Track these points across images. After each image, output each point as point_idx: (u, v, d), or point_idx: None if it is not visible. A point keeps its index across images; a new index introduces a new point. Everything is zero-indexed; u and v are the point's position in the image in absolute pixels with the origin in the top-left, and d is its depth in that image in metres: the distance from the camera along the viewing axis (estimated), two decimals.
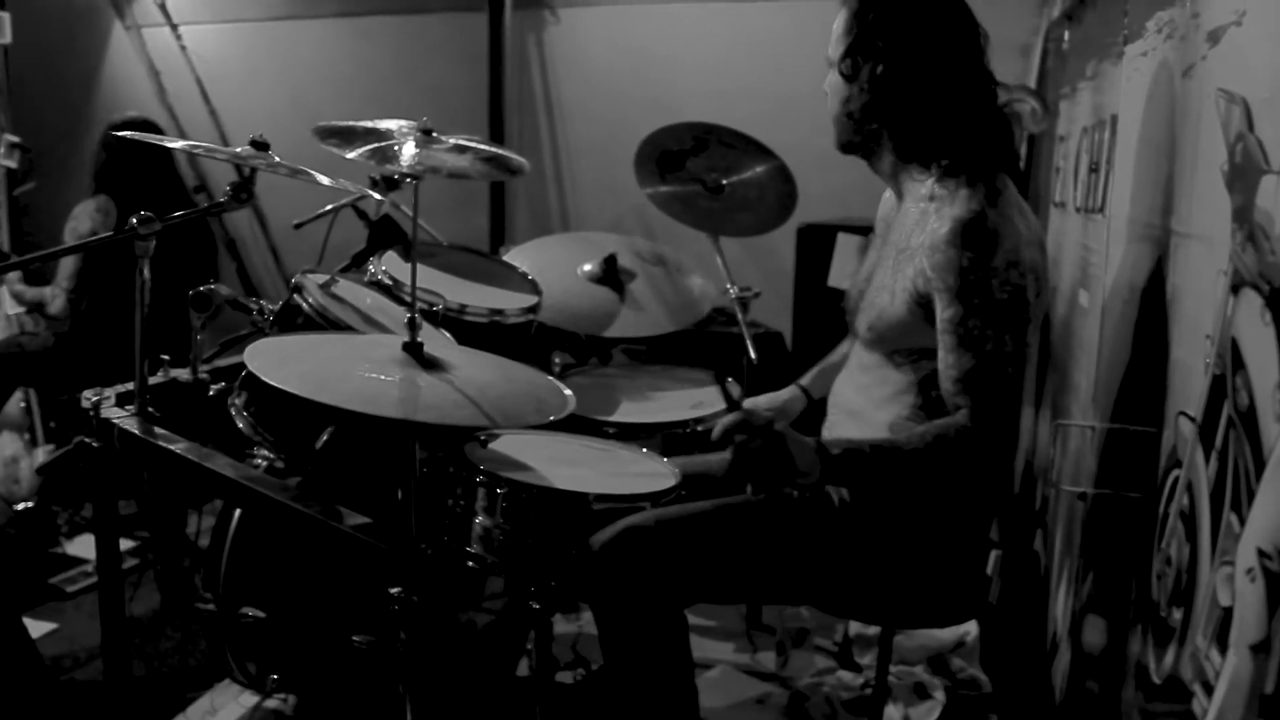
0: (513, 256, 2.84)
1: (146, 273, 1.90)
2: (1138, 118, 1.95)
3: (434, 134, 2.07)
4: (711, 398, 2.58)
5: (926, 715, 2.60)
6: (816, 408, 2.13)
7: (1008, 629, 2.85)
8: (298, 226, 2.79)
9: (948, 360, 1.68)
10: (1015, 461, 2.75)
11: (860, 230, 3.46)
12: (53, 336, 3.68)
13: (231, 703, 2.60)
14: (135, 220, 1.86)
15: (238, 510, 2.34)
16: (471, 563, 1.94)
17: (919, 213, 1.78)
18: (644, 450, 2.18)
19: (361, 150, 1.97)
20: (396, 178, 2.64)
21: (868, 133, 1.83)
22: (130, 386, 2.00)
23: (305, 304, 2.11)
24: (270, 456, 2.25)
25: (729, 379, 2.68)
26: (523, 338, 2.48)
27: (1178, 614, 1.38)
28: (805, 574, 1.83)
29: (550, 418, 1.65)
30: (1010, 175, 1.80)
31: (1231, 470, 1.20)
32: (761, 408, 2.20)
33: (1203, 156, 1.44)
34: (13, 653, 2.41)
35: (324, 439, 2.05)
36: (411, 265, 1.75)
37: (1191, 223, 1.51)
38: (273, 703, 2.55)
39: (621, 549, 1.76)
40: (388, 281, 2.38)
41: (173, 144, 2.26)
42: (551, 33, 4.74)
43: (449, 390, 1.61)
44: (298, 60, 5.03)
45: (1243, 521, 1.15)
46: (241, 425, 2.06)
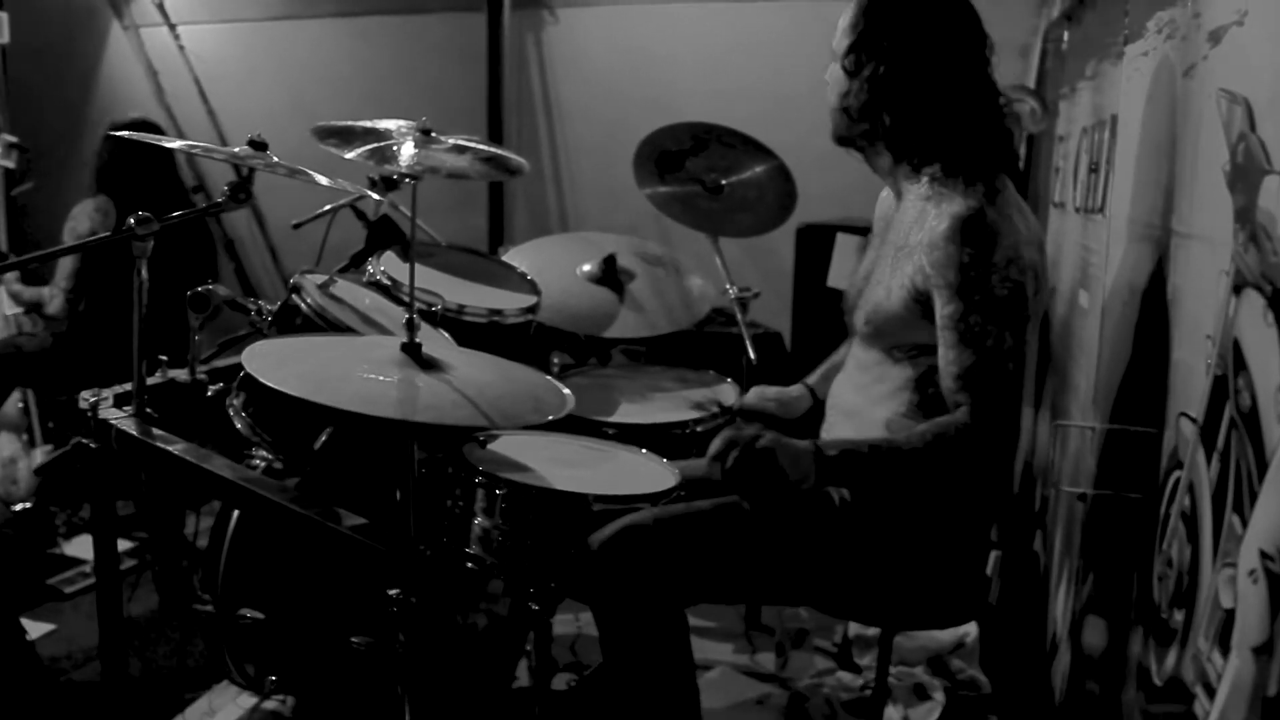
0: (511, 257, 2.83)
1: (144, 273, 1.89)
2: (1138, 118, 1.94)
3: (433, 134, 2.06)
4: (711, 398, 2.57)
5: (926, 716, 2.60)
6: (819, 408, 2.13)
7: (1007, 630, 2.85)
8: (296, 227, 2.78)
9: (948, 357, 1.67)
10: (1015, 461, 2.74)
11: (859, 230, 3.46)
12: (50, 337, 3.67)
13: (230, 704, 2.59)
14: (133, 221, 1.85)
15: (236, 511, 2.34)
16: (470, 564, 1.93)
17: (917, 211, 1.78)
18: (644, 451, 2.17)
19: (360, 150, 1.96)
20: (395, 178, 2.63)
21: (863, 129, 1.83)
22: (128, 387, 1.99)
23: (304, 304, 2.10)
24: (268, 457, 2.24)
25: (728, 380, 2.68)
26: (521, 338, 2.48)
27: (1179, 616, 1.37)
28: (805, 574, 1.82)
29: (549, 418, 1.65)
30: (1009, 176, 1.79)
31: (1234, 471, 1.20)
32: (769, 398, 2.20)
33: (1204, 157, 1.43)
34: (11, 654, 2.41)
35: (322, 440, 2.04)
36: (410, 265, 1.75)
37: (1193, 223, 1.51)
38: (271, 704, 2.54)
39: (620, 548, 1.75)
40: (386, 282, 2.38)
41: (171, 144, 2.25)
42: (550, 32, 4.74)
43: (447, 390, 1.61)
44: (296, 60, 5.03)
45: (1245, 523, 1.15)
46: (240, 426, 2.06)
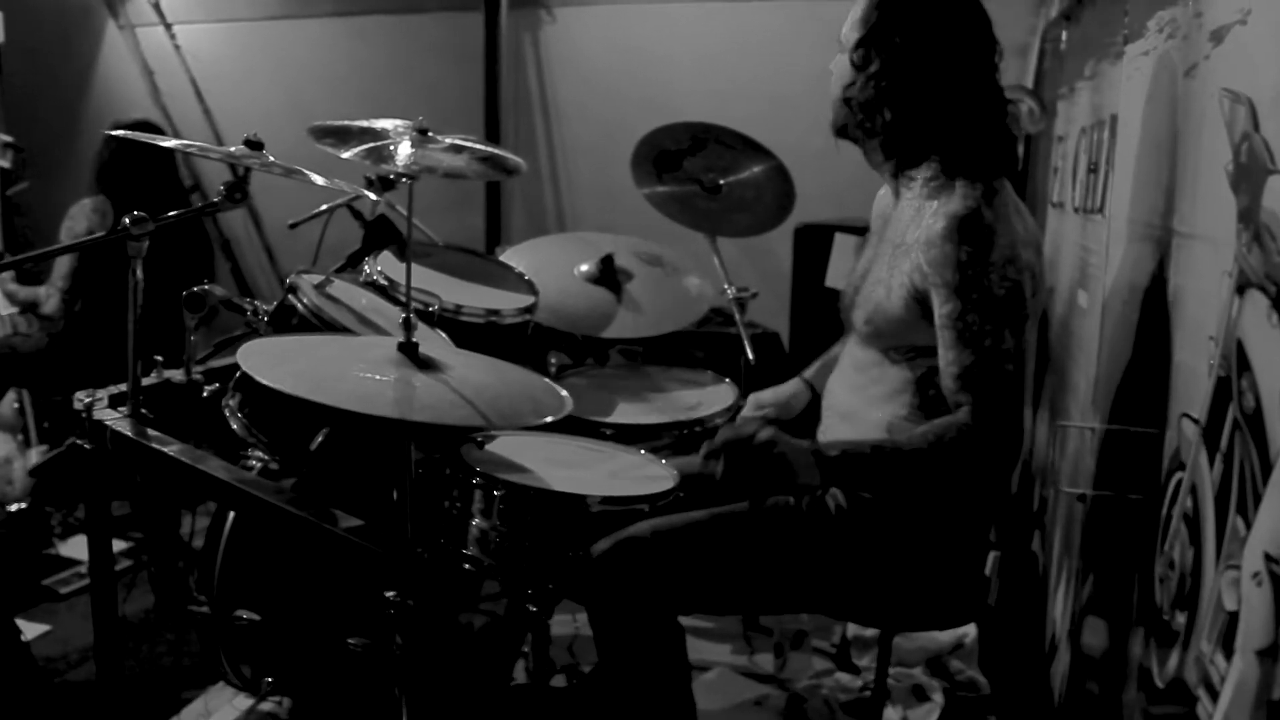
0: (509, 257, 2.82)
1: (139, 273, 1.88)
2: (1138, 117, 1.94)
3: (429, 133, 2.05)
4: (709, 398, 2.56)
5: (925, 717, 2.59)
6: (814, 407, 2.11)
7: (1006, 631, 2.84)
8: (292, 226, 2.77)
9: (947, 357, 1.66)
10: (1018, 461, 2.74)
11: (857, 230, 3.45)
12: (46, 337, 3.65)
13: (226, 705, 2.59)
14: (128, 220, 1.84)
15: (232, 511, 2.33)
16: (468, 565, 1.92)
17: (915, 209, 1.76)
18: (641, 451, 2.16)
19: (356, 150, 1.94)
20: (392, 177, 2.62)
21: (863, 124, 1.81)
22: (123, 388, 1.98)
23: (300, 304, 2.09)
24: (264, 458, 2.24)
25: (726, 380, 2.68)
26: (519, 338, 2.47)
27: (1181, 618, 1.37)
28: (803, 582, 1.81)
29: (548, 418, 1.64)
30: (1008, 178, 1.78)
31: (1237, 473, 1.19)
32: (765, 402, 2.19)
33: (1206, 157, 1.43)
34: (6, 654, 2.40)
35: (319, 440, 2.03)
36: (407, 265, 1.74)
37: (1194, 223, 1.50)
38: (267, 706, 2.53)
39: (618, 560, 1.74)
40: (383, 282, 2.37)
41: (167, 143, 2.24)
42: (547, 32, 4.73)
43: (445, 390, 1.60)
44: (292, 60, 5.01)
45: (1249, 525, 1.14)
46: (235, 427, 2.05)
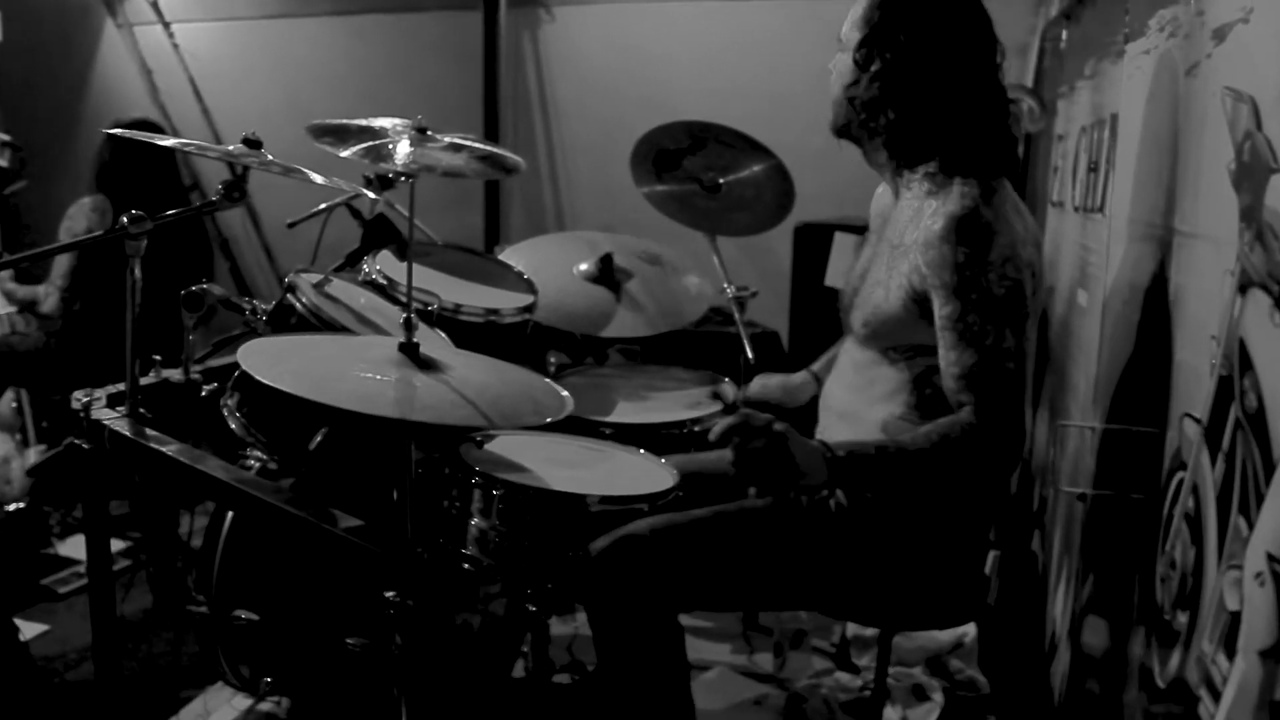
0: (508, 256, 2.81)
1: (138, 272, 1.87)
2: (1139, 116, 1.93)
3: (428, 132, 2.04)
4: (709, 397, 2.56)
5: (925, 717, 2.59)
6: (812, 406, 2.11)
7: (1006, 630, 2.84)
8: (291, 225, 2.77)
9: (949, 358, 1.66)
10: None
11: (857, 229, 3.45)
12: (44, 336, 3.65)
13: (224, 706, 2.58)
14: (126, 219, 1.83)
15: (230, 511, 2.32)
16: (467, 565, 1.92)
17: (914, 209, 1.76)
18: (641, 451, 2.16)
19: (355, 149, 1.94)
20: (390, 176, 2.62)
21: (863, 123, 1.81)
22: (122, 387, 1.97)
23: (299, 304, 2.09)
24: (263, 458, 2.23)
25: (725, 379, 2.67)
26: (518, 337, 2.46)
27: (1183, 618, 1.36)
28: (803, 580, 1.81)
29: (548, 419, 1.63)
30: (1008, 177, 1.78)
31: (1239, 473, 1.19)
32: (773, 386, 2.18)
33: (1208, 155, 1.42)
34: (4, 654, 2.39)
35: (318, 440, 2.03)
36: (408, 265, 1.73)
37: (1196, 222, 1.50)
38: (266, 706, 2.53)
39: (617, 557, 1.74)
40: (382, 281, 2.36)
41: (165, 141, 2.24)
42: (546, 31, 4.72)
43: (445, 390, 1.59)
44: (291, 59, 5.01)
45: (1251, 525, 1.14)
46: (234, 426, 2.04)
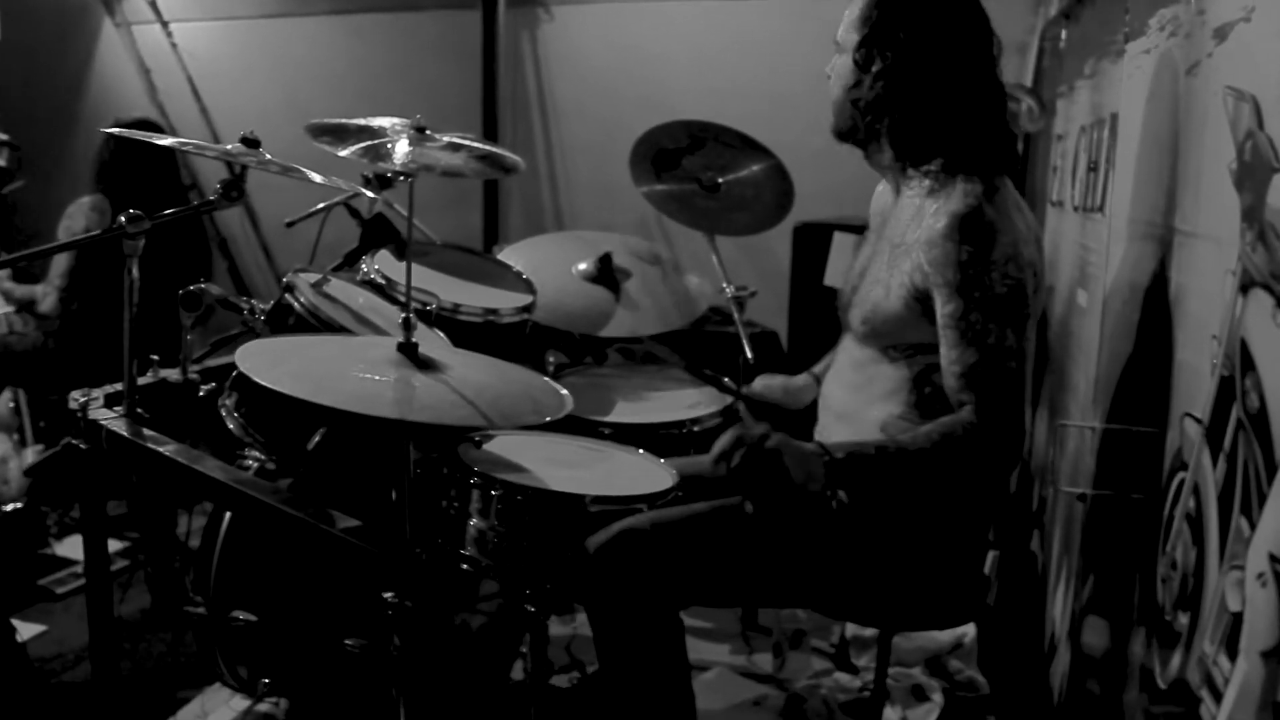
0: (507, 255, 2.81)
1: (135, 272, 1.87)
2: (1139, 116, 1.93)
3: (427, 132, 2.04)
4: (708, 397, 2.55)
5: (924, 717, 2.58)
6: (812, 407, 2.11)
7: (1006, 631, 2.84)
8: (290, 225, 2.77)
9: (950, 356, 1.66)
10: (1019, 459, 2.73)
11: (856, 229, 3.43)
12: (42, 336, 3.64)
13: (222, 707, 2.58)
14: (124, 219, 1.83)
15: (228, 511, 2.32)
16: (466, 565, 1.91)
17: (915, 208, 1.76)
18: (640, 451, 2.16)
19: (354, 148, 1.94)
20: (389, 176, 2.61)
21: (868, 125, 1.80)
22: (119, 387, 1.97)
23: (297, 303, 2.09)
24: (261, 458, 2.23)
25: (725, 379, 2.66)
26: (517, 337, 2.46)
27: (1184, 618, 1.36)
28: (802, 577, 1.81)
29: (547, 418, 1.63)
30: (1008, 176, 1.78)
31: (1241, 473, 1.19)
32: (775, 387, 2.18)
33: (1209, 155, 1.42)
34: (1, 655, 2.39)
35: (316, 440, 2.02)
36: (407, 265, 1.73)
37: (1197, 222, 1.50)
38: (264, 707, 2.52)
39: (617, 552, 1.74)
40: (381, 280, 2.36)
41: (163, 141, 2.23)
42: (545, 30, 4.72)
43: (444, 390, 1.59)
44: (290, 58, 5.00)
45: (1253, 525, 1.14)
46: (232, 426, 2.04)
